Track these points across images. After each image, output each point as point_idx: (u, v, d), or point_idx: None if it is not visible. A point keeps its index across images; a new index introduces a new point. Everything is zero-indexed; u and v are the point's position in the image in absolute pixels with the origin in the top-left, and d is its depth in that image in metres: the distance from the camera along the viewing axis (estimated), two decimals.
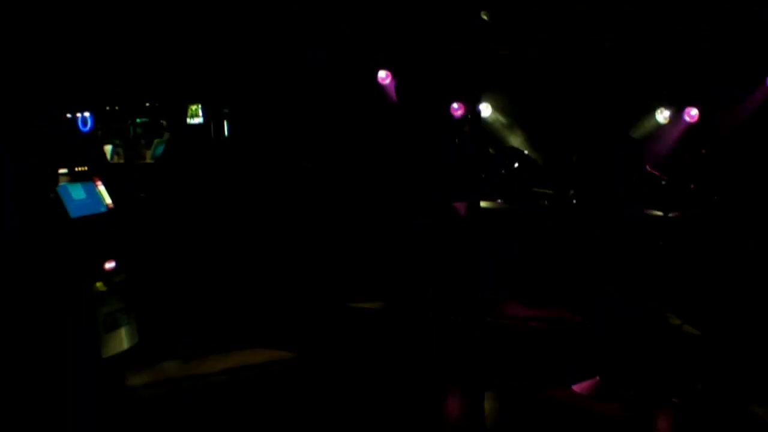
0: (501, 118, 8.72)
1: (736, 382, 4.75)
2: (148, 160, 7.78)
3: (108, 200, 4.13)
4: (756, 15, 5.64)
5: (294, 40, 6.75)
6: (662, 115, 8.10)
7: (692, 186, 6.24)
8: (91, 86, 7.10)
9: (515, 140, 8.68)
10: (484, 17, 5.73)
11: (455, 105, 8.51)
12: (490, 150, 7.79)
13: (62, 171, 3.85)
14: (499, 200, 6.97)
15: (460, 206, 6.09)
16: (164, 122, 7.94)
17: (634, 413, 4.52)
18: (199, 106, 7.51)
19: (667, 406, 4.61)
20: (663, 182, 6.59)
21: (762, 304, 5.17)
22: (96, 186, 4.11)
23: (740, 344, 4.96)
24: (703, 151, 6.74)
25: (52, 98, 5.16)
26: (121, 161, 7.95)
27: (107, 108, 7.92)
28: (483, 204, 6.03)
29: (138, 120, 8.05)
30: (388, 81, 8.31)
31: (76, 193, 3.93)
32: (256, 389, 4.36)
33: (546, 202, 6.83)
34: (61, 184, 3.83)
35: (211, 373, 4.07)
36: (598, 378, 4.86)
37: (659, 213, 6.07)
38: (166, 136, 7.78)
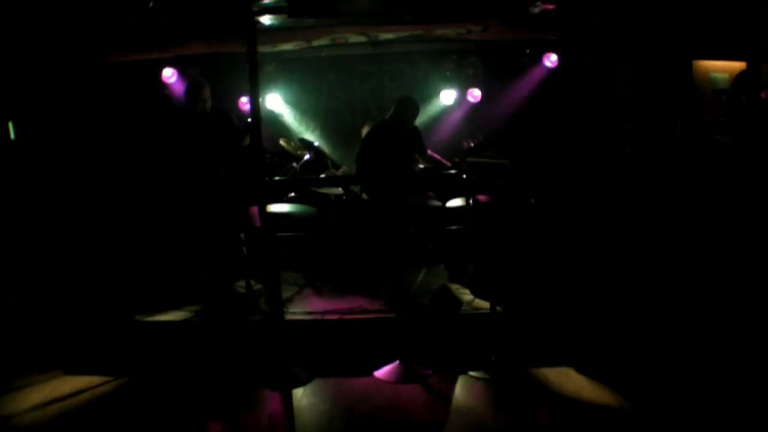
0: (291, 110, 8.64)
1: (521, 349, 5.03)
2: None
3: None
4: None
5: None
6: (447, 98, 8.44)
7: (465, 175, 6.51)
8: None
9: (308, 132, 8.65)
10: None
11: (244, 99, 8.28)
12: (281, 143, 7.63)
13: None
14: (292, 194, 6.87)
15: (254, 212, 5.92)
16: None
17: (435, 392, 4.62)
18: None
19: (466, 381, 4.76)
20: (446, 169, 6.88)
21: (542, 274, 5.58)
22: None
23: (521, 314, 5.27)
24: (479, 137, 7.06)
25: None
26: None
27: None
28: (274, 207, 5.88)
29: None
30: (173, 80, 7.83)
31: None
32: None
33: (333, 198, 6.83)
34: None
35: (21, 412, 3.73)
36: (398, 362, 4.92)
37: (438, 203, 6.32)
38: None
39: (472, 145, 6.86)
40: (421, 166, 7.06)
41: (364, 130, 7.44)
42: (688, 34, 5.99)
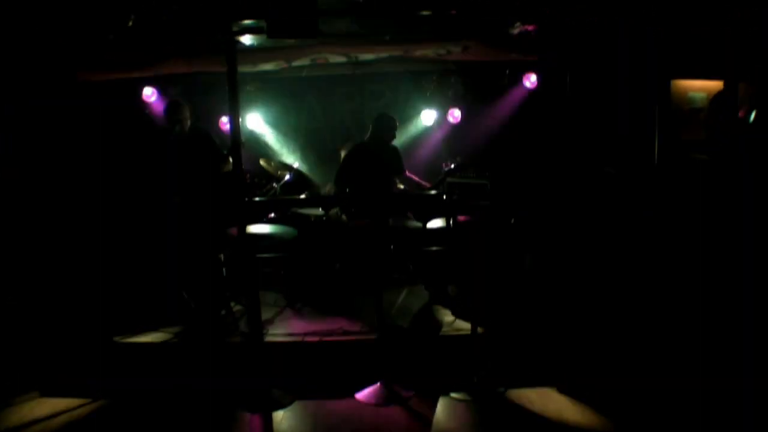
0: (271, 130, 8.62)
1: (503, 370, 5.00)
2: None
3: None
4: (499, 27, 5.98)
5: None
6: (427, 118, 8.46)
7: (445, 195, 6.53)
8: None
9: (288, 153, 8.64)
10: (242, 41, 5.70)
11: (224, 119, 8.24)
12: (262, 163, 7.59)
13: None
14: (273, 214, 6.82)
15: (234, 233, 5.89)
16: None
17: (416, 414, 4.57)
18: None
19: (448, 402, 4.71)
20: (425, 190, 6.89)
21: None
22: None
23: (502, 335, 5.25)
24: (458, 159, 7.08)
25: None
26: None
27: None
28: (254, 228, 5.84)
29: None
30: (154, 99, 7.78)
31: None
32: None
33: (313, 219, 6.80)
34: None
35: None
36: (379, 384, 4.86)
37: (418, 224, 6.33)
38: None
39: (451, 166, 6.86)
40: (401, 186, 7.06)
41: (342, 152, 7.44)
42: (666, 53, 6.07)
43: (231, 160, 5.66)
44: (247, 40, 5.69)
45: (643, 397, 4.55)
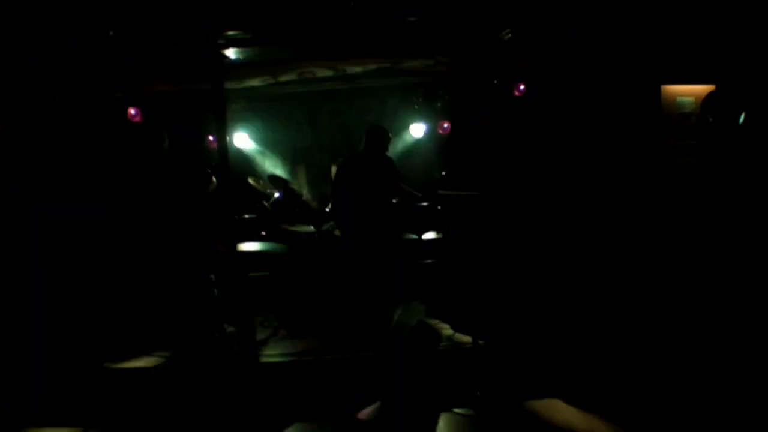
0: (260, 148, 8.53)
1: (507, 383, 4.89)
2: None
3: None
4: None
5: None
6: (416, 131, 8.40)
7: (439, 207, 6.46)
8: None
9: (276, 170, 8.53)
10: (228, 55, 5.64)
11: (211, 138, 8.13)
12: (250, 180, 7.49)
13: None
14: (263, 233, 6.71)
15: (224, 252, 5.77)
16: None
17: (419, 431, 4.44)
18: None
19: (450, 418, 4.59)
20: (418, 202, 6.80)
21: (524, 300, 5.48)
22: None
23: (504, 347, 5.15)
24: (443, 173, 7.02)
25: None
26: None
27: None
28: (244, 246, 5.73)
29: None
30: (138, 119, 7.64)
31: None
32: None
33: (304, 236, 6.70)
34: None
35: None
36: (380, 402, 4.73)
37: (414, 236, 6.22)
38: None
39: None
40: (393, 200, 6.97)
41: (333, 169, 7.34)
42: (656, 59, 6.06)
43: (214, 179, 5.57)
44: (232, 53, 5.60)
45: (651, 401, 4.46)
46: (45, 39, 5.16)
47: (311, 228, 6.73)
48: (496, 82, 7.84)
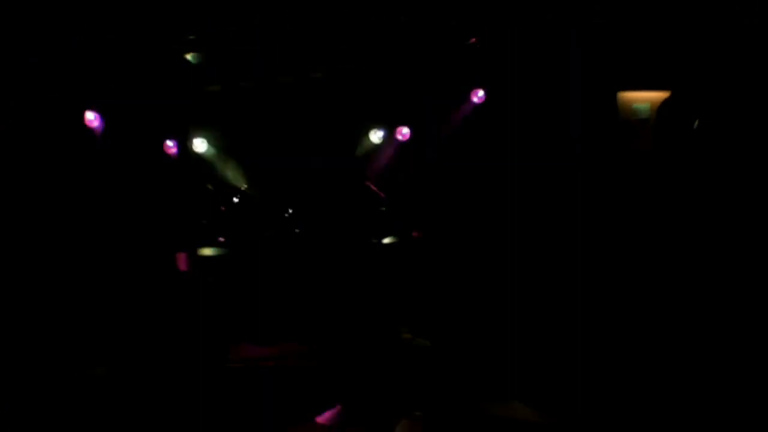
0: (218, 153, 8.42)
1: (464, 386, 4.92)
2: None
3: None
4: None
5: None
6: (376, 136, 8.38)
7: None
8: None
9: (234, 175, 8.43)
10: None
11: (170, 143, 8.00)
12: (209, 187, 7.41)
13: None
14: (222, 239, 6.65)
15: (181, 258, 5.72)
16: None
17: None
18: None
19: (408, 421, 4.60)
20: (382, 205, 6.81)
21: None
22: None
23: (462, 350, 5.19)
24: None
25: None
26: None
27: None
28: (205, 251, 5.68)
29: None
30: (96, 123, 7.49)
31: None
32: None
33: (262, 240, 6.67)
34: None
35: None
36: (339, 406, 4.73)
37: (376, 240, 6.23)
38: None
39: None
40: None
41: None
42: (612, 66, 6.17)
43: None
44: (192, 58, 5.57)
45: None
46: None
47: (270, 232, 6.70)
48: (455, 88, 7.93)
